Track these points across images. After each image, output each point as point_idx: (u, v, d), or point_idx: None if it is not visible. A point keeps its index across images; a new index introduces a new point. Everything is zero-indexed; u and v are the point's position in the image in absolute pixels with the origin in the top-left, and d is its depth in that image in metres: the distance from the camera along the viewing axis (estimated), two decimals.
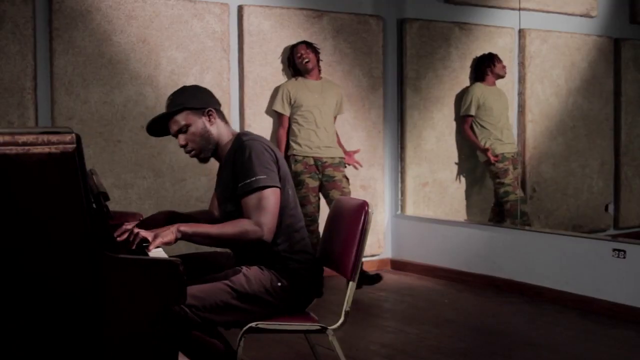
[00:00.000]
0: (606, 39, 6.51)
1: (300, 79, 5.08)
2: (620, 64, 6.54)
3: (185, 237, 2.40)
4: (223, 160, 2.68)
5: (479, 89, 5.85)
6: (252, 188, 2.48)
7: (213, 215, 2.87)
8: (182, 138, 2.64)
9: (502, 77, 5.95)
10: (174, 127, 2.63)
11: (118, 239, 2.50)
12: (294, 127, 5.03)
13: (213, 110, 2.65)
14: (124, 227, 2.62)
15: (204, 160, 2.70)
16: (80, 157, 1.87)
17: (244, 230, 2.44)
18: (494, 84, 5.90)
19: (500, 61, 5.91)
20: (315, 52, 5.09)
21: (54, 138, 1.86)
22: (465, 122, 5.86)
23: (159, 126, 2.68)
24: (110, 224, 2.56)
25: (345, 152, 5.17)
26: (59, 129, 1.95)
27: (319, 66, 5.12)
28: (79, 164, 1.87)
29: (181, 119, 2.61)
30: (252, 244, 2.48)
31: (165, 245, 2.35)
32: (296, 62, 5.07)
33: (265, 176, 2.49)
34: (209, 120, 2.64)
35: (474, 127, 5.83)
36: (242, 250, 2.64)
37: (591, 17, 6.45)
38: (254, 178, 2.48)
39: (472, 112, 5.81)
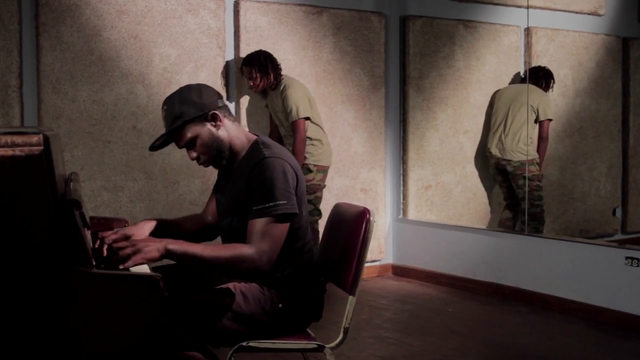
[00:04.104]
0: (614, 38, 6.37)
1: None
2: (628, 63, 6.42)
3: (172, 256, 2.17)
4: (235, 166, 2.45)
5: None
6: (268, 213, 2.26)
7: (205, 221, 2.66)
8: (191, 152, 2.41)
9: None
10: (180, 143, 2.40)
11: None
12: None
13: (216, 112, 2.38)
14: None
15: (221, 167, 2.48)
16: (48, 161, 1.69)
17: (240, 257, 2.21)
18: None
19: None
20: (259, 68, 4.70)
21: (19, 139, 1.68)
22: (548, 126, 5.65)
23: (161, 141, 2.43)
24: (90, 233, 2.36)
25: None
26: (26, 129, 1.77)
27: (269, 78, 4.73)
28: (47, 168, 1.68)
29: (185, 133, 2.37)
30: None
31: (148, 262, 2.15)
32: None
33: (285, 201, 2.27)
34: (215, 125, 2.38)
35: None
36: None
37: (599, 15, 6.32)
38: (273, 203, 2.26)
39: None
